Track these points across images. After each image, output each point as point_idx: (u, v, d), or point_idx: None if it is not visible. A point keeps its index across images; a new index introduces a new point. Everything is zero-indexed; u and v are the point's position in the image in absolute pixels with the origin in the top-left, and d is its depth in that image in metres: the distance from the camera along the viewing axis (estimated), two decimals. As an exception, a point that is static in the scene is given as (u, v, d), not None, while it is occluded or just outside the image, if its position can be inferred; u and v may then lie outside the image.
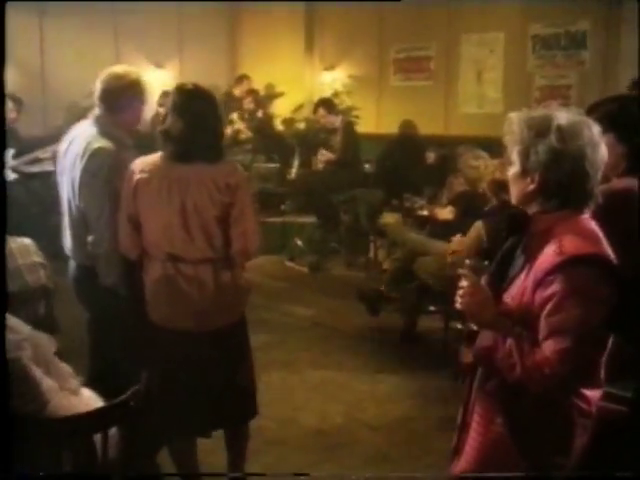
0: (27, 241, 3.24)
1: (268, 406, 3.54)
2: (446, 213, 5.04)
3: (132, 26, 8.79)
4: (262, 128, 7.85)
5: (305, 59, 9.15)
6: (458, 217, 4.98)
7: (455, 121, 7.86)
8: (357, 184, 7.16)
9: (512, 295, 1.89)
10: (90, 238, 2.95)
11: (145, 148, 3.01)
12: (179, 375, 2.76)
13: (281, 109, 9.20)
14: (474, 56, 7.57)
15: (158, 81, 8.87)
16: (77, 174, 2.94)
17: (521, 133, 1.87)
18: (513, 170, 1.93)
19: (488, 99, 7.52)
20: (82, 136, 3.02)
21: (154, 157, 2.77)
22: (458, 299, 1.90)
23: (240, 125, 7.80)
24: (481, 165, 5.02)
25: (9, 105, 6.82)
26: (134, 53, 8.85)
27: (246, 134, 7.83)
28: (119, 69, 3.15)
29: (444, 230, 4.95)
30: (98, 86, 3.10)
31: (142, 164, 2.75)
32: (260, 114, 7.95)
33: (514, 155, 1.90)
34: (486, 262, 1.94)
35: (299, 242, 7.26)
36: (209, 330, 2.78)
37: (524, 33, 7.15)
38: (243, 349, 2.97)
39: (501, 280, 1.95)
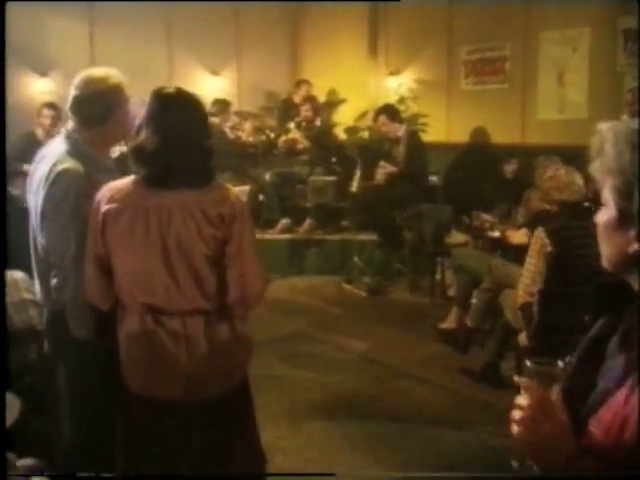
0: (18, 275, 2.83)
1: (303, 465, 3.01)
2: (520, 236, 4.39)
3: (186, 32, 8.49)
4: (320, 138, 7.35)
5: (369, 63, 8.60)
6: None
7: (533, 128, 7.13)
8: (423, 199, 6.58)
9: (603, 423, 1.20)
10: (53, 281, 2.41)
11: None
12: (162, 457, 2.22)
13: (344, 117, 8.70)
14: (555, 55, 6.82)
15: (214, 89, 8.58)
16: (39, 201, 2.42)
17: (619, 157, 1.21)
18: (606, 215, 1.27)
19: (571, 103, 6.78)
20: (51, 154, 2.49)
21: (126, 182, 2.25)
22: (514, 426, 1.22)
23: (296, 134, 7.33)
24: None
25: (44, 112, 6.54)
26: (188, 60, 8.57)
27: (303, 144, 7.35)
28: (96, 71, 2.64)
29: (518, 256, 4.31)
30: (71, 93, 2.59)
31: (111, 191, 2.21)
32: (318, 122, 7.45)
33: (607, 191, 1.25)
34: (560, 362, 1.27)
35: (359, 262, 6.73)
36: (200, 400, 2.24)
37: (613, 27, 6.37)
38: (244, 424, 2.39)
39: (584, 394, 1.25)
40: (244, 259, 2.19)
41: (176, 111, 2.21)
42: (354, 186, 7.23)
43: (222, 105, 7.35)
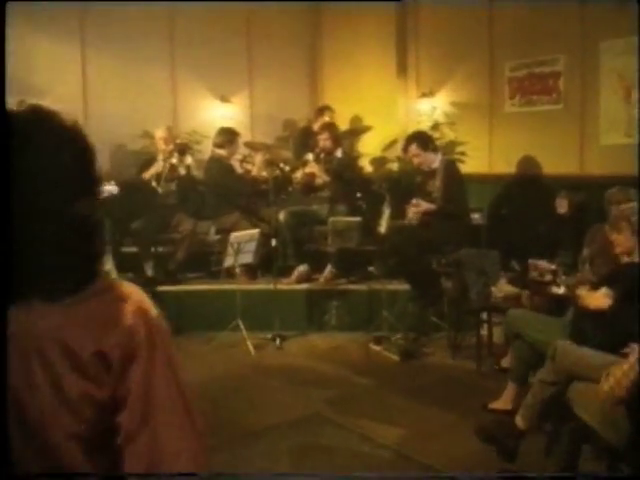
0: None
1: None
2: (600, 298, 3.39)
3: (191, 54, 7.75)
4: (342, 171, 6.47)
5: (397, 84, 7.74)
6: (618, 305, 3.34)
7: (594, 156, 6.16)
8: (463, 242, 5.63)
9: None
10: None
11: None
12: None
13: (370, 146, 7.85)
14: (619, 68, 5.86)
15: (223, 117, 7.79)
16: None
17: None
18: None
19: (640, 125, 5.81)
20: None
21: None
22: None
23: (314, 167, 6.45)
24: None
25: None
26: (194, 85, 7.81)
27: (322, 178, 6.46)
28: None
29: (596, 325, 3.34)
30: None
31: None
32: (339, 153, 6.57)
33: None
34: None
35: (389, 316, 5.78)
36: None
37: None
38: None
39: None
40: (155, 430, 1.23)
41: (26, 147, 1.24)
42: (382, 227, 6.29)
43: (229, 135, 6.52)
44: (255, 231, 5.78)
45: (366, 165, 7.60)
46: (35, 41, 6.82)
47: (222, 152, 6.48)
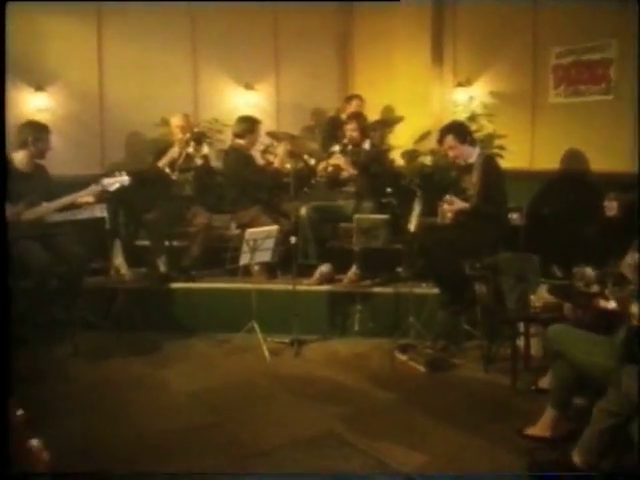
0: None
1: None
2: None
3: (214, 39, 7.38)
4: (370, 164, 6.02)
5: (432, 72, 7.28)
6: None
7: (650, 152, 5.64)
8: (500, 245, 5.17)
9: None
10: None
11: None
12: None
13: (402, 138, 7.38)
14: (679, 55, 5.34)
15: (247, 105, 7.41)
16: None
17: None
18: None
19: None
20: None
21: None
22: None
23: (340, 159, 6.01)
24: None
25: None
26: (216, 72, 7.47)
27: (349, 172, 6.02)
28: None
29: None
30: None
31: None
32: (367, 145, 6.13)
33: None
34: None
35: (416, 323, 5.35)
36: None
37: None
38: None
39: None
40: None
41: None
42: (412, 225, 5.87)
43: (249, 124, 6.11)
44: (273, 227, 5.38)
45: (397, 158, 7.14)
46: (49, 23, 6.51)
47: (242, 142, 6.08)
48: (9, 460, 1.93)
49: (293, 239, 5.46)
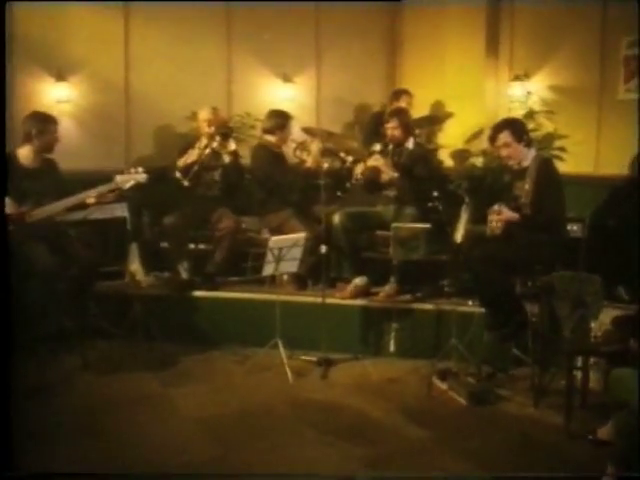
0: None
1: None
2: None
3: (249, 27, 6.93)
4: (412, 166, 5.45)
5: (487, 66, 6.69)
6: None
7: None
8: (557, 261, 4.56)
9: None
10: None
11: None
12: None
13: (452, 137, 6.81)
14: None
15: (284, 99, 6.94)
16: None
17: None
18: None
19: None
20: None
21: None
22: None
23: (379, 160, 5.45)
24: None
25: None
26: (251, 62, 7.02)
27: (389, 174, 5.46)
28: None
29: None
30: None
31: None
32: (411, 144, 5.55)
33: None
34: None
35: (459, 345, 4.78)
36: None
37: None
38: None
39: None
40: None
41: None
42: (458, 236, 5.30)
43: (280, 119, 5.61)
44: (300, 235, 4.87)
45: (446, 159, 6.57)
46: (71, 8, 6.13)
47: (271, 139, 5.59)
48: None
49: (324, 248, 4.95)
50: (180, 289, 5.55)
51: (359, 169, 5.45)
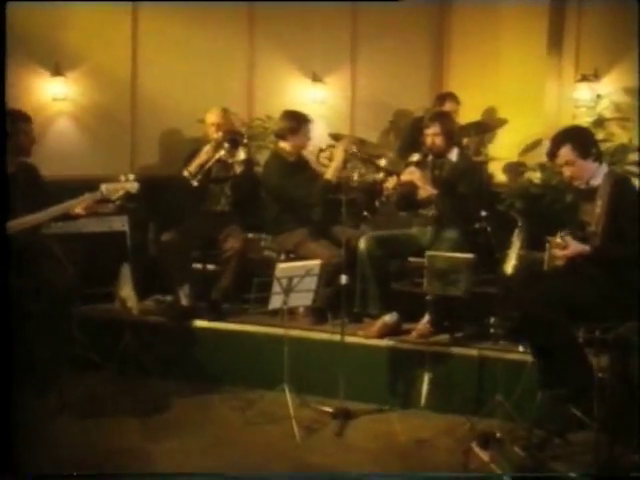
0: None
1: None
2: None
3: (274, 19, 6.23)
4: (455, 181, 4.60)
5: (548, 65, 5.91)
6: None
7: None
8: (633, 307, 3.65)
9: None
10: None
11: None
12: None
13: (504, 148, 6.05)
14: None
15: (315, 101, 6.36)
16: None
17: None
18: None
19: None
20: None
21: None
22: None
23: (416, 173, 4.60)
24: None
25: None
26: (276, 59, 6.34)
27: (426, 190, 4.60)
28: None
29: None
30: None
31: None
32: (454, 156, 4.70)
33: None
34: None
35: (505, 403, 3.91)
36: None
37: None
38: None
39: None
40: None
41: None
42: (509, 266, 4.44)
43: (292, 121, 4.85)
44: (315, 262, 4.07)
45: (497, 173, 5.74)
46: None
47: (285, 145, 4.84)
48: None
49: (344, 279, 4.14)
50: (178, 317, 4.86)
51: (391, 183, 4.62)
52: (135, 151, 5.78)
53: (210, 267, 5.23)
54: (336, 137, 5.60)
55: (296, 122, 4.84)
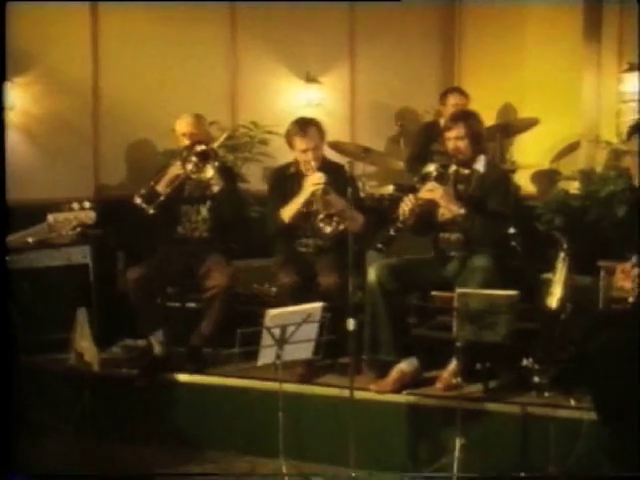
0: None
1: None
2: None
3: (262, 15, 5.54)
4: (484, 196, 3.77)
5: (585, 53, 5.14)
6: None
7: None
8: None
9: None
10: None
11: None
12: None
13: (530, 153, 5.32)
14: None
15: (309, 104, 5.73)
16: None
17: None
18: None
19: None
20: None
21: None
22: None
23: (436, 192, 3.72)
24: None
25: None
26: (266, 60, 5.67)
27: (450, 210, 3.72)
28: None
29: None
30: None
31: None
32: (482, 165, 3.84)
33: None
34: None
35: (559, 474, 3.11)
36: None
37: None
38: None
39: None
40: None
41: None
42: (554, 299, 3.67)
43: (291, 127, 4.05)
44: (315, 306, 3.25)
45: (525, 183, 4.96)
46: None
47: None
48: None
49: (352, 323, 3.31)
50: (150, 369, 4.01)
51: (408, 204, 3.78)
52: (99, 168, 5.04)
53: (190, 305, 4.46)
54: (336, 146, 4.82)
55: (293, 127, 4.04)
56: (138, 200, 3.93)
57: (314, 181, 3.93)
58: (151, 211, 3.92)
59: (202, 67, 5.39)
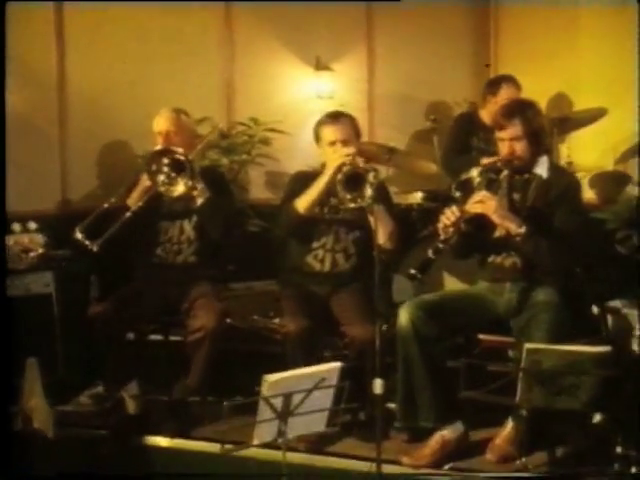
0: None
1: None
2: None
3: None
4: (551, 210, 2.93)
5: None
6: None
7: None
8: None
9: None
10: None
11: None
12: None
13: (583, 152, 4.45)
14: None
15: (320, 96, 4.92)
16: None
17: None
18: None
19: None
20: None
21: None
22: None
23: (489, 204, 2.89)
24: None
25: None
26: (268, 45, 4.82)
27: (508, 227, 2.88)
28: None
29: None
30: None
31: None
32: (544, 168, 2.97)
33: None
34: None
35: None
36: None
37: None
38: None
39: None
40: None
41: None
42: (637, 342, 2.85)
43: (316, 126, 3.28)
44: (331, 367, 2.40)
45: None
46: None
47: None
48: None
49: (379, 386, 2.47)
50: (119, 434, 3.18)
51: (450, 219, 2.92)
52: (67, 175, 4.19)
53: (174, 338, 3.65)
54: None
55: (316, 126, 3.30)
56: (79, 235, 3.09)
57: (343, 152, 3.14)
58: (94, 249, 3.08)
59: (190, 53, 4.52)
